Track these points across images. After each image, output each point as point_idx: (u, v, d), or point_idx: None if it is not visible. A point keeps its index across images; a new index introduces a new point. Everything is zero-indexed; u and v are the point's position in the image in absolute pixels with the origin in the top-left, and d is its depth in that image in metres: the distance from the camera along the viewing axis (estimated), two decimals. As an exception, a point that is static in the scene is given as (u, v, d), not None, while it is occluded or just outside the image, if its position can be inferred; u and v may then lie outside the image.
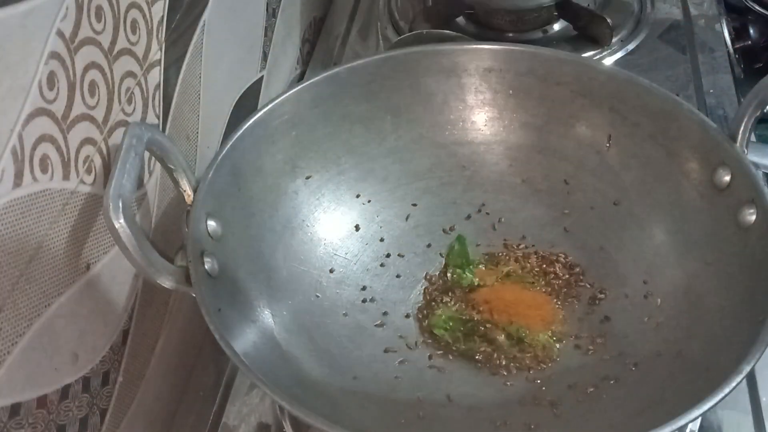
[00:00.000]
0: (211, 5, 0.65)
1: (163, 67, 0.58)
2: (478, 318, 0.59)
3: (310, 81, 0.64)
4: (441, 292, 0.62)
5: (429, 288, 0.62)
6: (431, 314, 0.60)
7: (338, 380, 0.56)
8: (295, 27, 0.90)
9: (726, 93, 0.81)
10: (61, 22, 0.45)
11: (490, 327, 0.59)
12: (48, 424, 0.47)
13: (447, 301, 0.61)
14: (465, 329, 0.59)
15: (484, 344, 0.58)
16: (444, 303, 0.61)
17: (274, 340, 0.56)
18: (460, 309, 0.60)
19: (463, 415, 0.54)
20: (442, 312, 0.60)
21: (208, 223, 0.55)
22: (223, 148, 0.58)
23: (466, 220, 0.66)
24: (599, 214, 0.64)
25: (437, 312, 0.60)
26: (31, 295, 0.44)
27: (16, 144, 0.41)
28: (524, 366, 0.57)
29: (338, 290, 0.62)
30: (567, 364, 0.57)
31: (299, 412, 0.46)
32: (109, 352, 0.54)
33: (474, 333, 0.59)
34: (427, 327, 0.59)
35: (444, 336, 0.59)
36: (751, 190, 0.55)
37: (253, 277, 0.58)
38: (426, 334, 0.59)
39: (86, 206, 0.49)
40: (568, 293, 0.61)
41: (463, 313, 0.60)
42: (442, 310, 0.60)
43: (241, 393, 0.63)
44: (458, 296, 0.61)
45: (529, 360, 0.57)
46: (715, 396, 0.45)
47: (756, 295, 0.51)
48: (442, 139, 0.68)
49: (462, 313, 0.60)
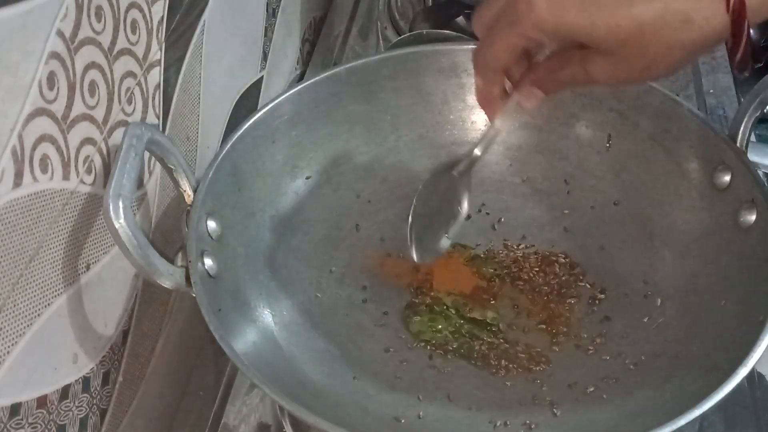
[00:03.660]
0: (211, 5, 0.65)
1: (163, 67, 0.58)
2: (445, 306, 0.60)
3: (310, 81, 0.64)
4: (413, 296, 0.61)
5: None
6: (411, 322, 0.60)
7: (338, 380, 0.56)
8: (295, 27, 0.90)
9: (726, 93, 0.81)
10: (61, 22, 0.44)
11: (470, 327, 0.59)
12: (48, 424, 0.47)
13: (418, 302, 0.60)
14: (450, 327, 0.59)
15: (476, 342, 0.58)
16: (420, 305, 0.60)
17: (274, 340, 0.56)
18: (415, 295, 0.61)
19: (463, 415, 0.54)
20: (421, 317, 0.60)
21: (208, 223, 0.55)
22: (223, 148, 0.58)
23: (466, 220, 0.66)
24: (599, 214, 0.64)
25: (415, 319, 0.60)
26: (31, 295, 0.44)
27: (16, 144, 0.41)
28: (522, 366, 0.57)
29: (338, 290, 0.62)
30: (567, 364, 0.57)
31: (299, 412, 0.46)
32: (109, 352, 0.54)
33: (459, 330, 0.59)
34: (417, 335, 0.59)
35: (435, 339, 0.59)
36: (751, 190, 0.55)
37: (253, 277, 0.58)
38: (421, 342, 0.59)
39: (86, 206, 0.49)
40: (568, 293, 0.61)
41: (439, 310, 0.60)
42: (419, 316, 0.60)
43: (241, 393, 0.63)
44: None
45: (525, 360, 0.57)
46: (715, 396, 0.45)
47: (756, 295, 0.52)
48: (442, 139, 0.68)
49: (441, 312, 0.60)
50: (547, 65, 0.48)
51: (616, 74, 0.44)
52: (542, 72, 0.48)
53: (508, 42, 0.45)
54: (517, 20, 0.44)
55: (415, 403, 0.55)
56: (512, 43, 0.45)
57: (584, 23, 0.42)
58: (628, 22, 0.41)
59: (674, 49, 0.42)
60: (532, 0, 0.43)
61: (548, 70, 0.48)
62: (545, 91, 0.49)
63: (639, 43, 0.42)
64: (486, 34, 0.46)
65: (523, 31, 0.44)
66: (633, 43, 0.42)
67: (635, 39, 0.42)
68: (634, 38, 0.42)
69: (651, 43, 0.42)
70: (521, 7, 0.43)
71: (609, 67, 0.44)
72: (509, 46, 0.45)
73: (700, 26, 0.41)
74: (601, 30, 0.42)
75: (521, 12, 0.43)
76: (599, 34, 0.42)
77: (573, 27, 0.42)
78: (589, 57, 0.44)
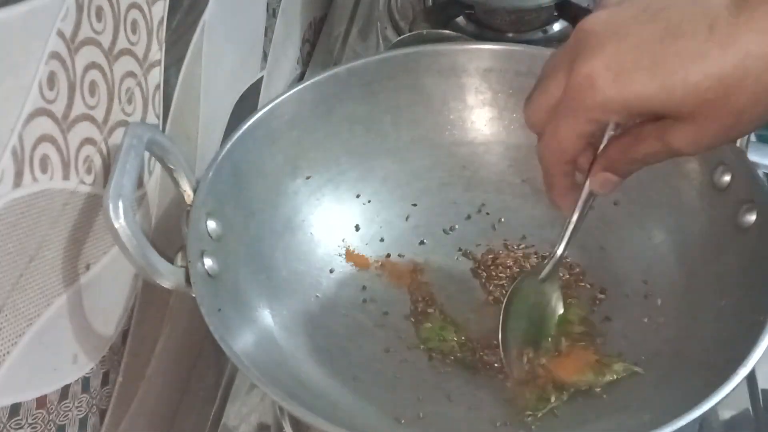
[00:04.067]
0: (211, 5, 0.65)
1: (163, 67, 0.58)
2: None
3: (311, 81, 0.64)
4: (427, 304, 0.61)
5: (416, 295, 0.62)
6: (419, 327, 0.59)
7: (338, 380, 0.56)
8: (296, 27, 0.90)
9: (726, 93, 0.81)
10: (62, 22, 0.45)
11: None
12: (48, 425, 0.47)
13: (431, 312, 0.60)
14: (458, 339, 0.58)
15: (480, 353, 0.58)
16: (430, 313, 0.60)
17: (274, 340, 0.56)
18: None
19: (463, 415, 0.54)
20: (432, 324, 0.59)
21: (208, 223, 0.55)
22: (223, 148, 0.58)
23: (466, 220, 0.66)
24: (599, 214, 0.64)
25: (425, 325, 0.59)
26: (31, 295, 0.44)
27: (16, 144, 0.41)
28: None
29: (338, 290, 0.62)
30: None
31: (299, 412, 0.46)
32: (109, 352, 0.54)
33: (466, 344, 0.58)
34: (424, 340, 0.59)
35: (439, 348, 0.58)
36: (751, 190, 0.55)
37: (253, 277, 0.58)
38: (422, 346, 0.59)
39: (86, 206, 0.49)
40: (568, 293, 0.61)
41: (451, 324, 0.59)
42: (431, 322, 0.60)
43: (241, 393, 0.63)
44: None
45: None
46: (715, 396, 0.45)
47: (755, 295, 0.51)
48: (442, 139, 0.68)
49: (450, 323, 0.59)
50: (618, 145, 0.43)
51: (700, 139, 0.39)
52: (615, 154, 0.43)
53: (575, 130, 0.40)
54: (580, 104, 0.39)
55: (415, 403, 0.55)
56: (579, 130, 0.40)
57: (657, 91, 0.38)
58: (707, 78, 0.37)
59: (760, 96, 0.37)
60: (593, 76, 0.38)
61: (621, 150, 0.43)
62: (621, 175, 0.44)
63: (722, 99, 0.37)
64: (546, 125, 0.42)
65: (590, 116, 0.39)
66: (715, 100, 0.37)
67: (718, 95, 0.37)
68: (717, 94, 0.37)
69: (735, 95, 0.37)
70: (582, 87, 0.38)
71: (692, 134, 0.39)
72: (576, 135, 0.41)
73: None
74: (677, 94, 0.37)
75: (584, 93, 0.39)
76: (676, 98, 0.37)
77: (645, 98, 0.38)
78: (667, 127, 0.39)
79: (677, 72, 0.37)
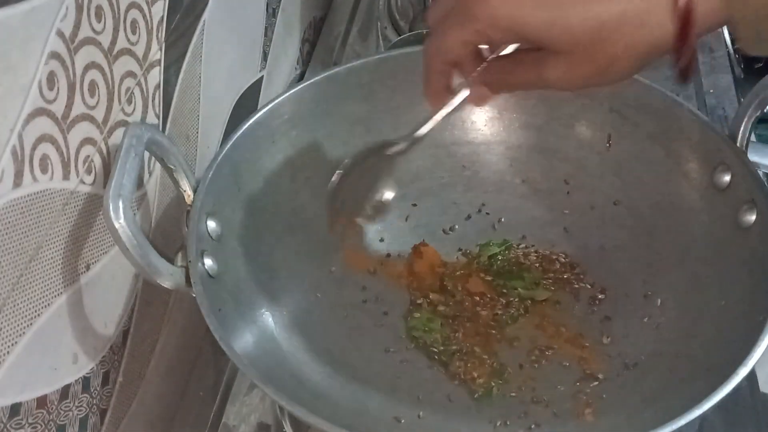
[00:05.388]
0: (211, 5, 0.65)
1: (163, 67, 0.58)
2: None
3: (310, 81, 0.64)
4: (424, 293, 0.61)
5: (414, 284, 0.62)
6: (410, 317, 0.60)
7: (338, 380, 0.56)
8: (295, 27, 0.90)
9: (726, 93, 0.81)
10: (61, 22, 0.45)
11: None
12: (48, 424, 0.47)
13: (432, 299, 0.60)
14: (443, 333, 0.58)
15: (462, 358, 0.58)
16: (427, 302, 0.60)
17: (274, 340, 0.56)
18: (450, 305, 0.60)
19: (463, 415, 0.54)
20: (420, 314, 0.60)
21: (208, 223, 0.55)
22: (223, 148, 0.58)
23: (466, 220, 0.66)
24: (599, 214, 0.64)
25: (415, 314, 0.60)
26: (31, 295, 0.44)
27: (16, 144, 0.41)
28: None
29: (338, 290, 0.62)
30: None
31: (299, 412, 0.46)
32: (109, 352, 0.54)
33: (451, 344, 0.58)
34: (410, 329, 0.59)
35: (422, 338, 0.58)
36: (751, 190, 0.55)
37: (253, 277, 0.58)
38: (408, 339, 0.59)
39: (86, 206, 0.49)
40: (568, 293, 0.61)
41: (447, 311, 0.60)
42: (420, 313, 0.60)
43: (241, 393, 0.63)
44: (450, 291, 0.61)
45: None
46: (715, 396, 0.45)
47: (756, 295, 0.51)
48: (442, 139, 0.68)
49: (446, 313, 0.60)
50: (499, 65, 0.46)
51: (570, 77, 0.42)
52: (493, 72, 0.46)
53: (461, 37, 0.43)
54: (471, 15, 0.42)
55: (415, 403, 0.55)
56: (464, 38, 0.43)
57: (540, 21, 0.41)
58: (587, 22, 0.40)
59: (631, 51, 0.40)
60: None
61: (500, 70, 0.46)
62: (494, 91, 0.47)
63: (596, 44, 0.40)
64: (439, 26, 0.44)
65: (476, 27, 0.42)
66: (590, 43, 0.40)
67: (593, 39, 0.40)
68: (592, 38, 0.40)
69: (608, 44, 0.40)
70: (476, 1, 0.42)
71: (564, 70, 0.42)
72: (461, 42, 0.43)
73: (652, 30, 0.40)
74: (557, 29, 0.40)
75: (476, 7, 0.42)
76: (555, 33, 0.41)
77: (528, 25, 0.41)
78: (544, 59, 0.42)
79: (562, 11, 0.40)
